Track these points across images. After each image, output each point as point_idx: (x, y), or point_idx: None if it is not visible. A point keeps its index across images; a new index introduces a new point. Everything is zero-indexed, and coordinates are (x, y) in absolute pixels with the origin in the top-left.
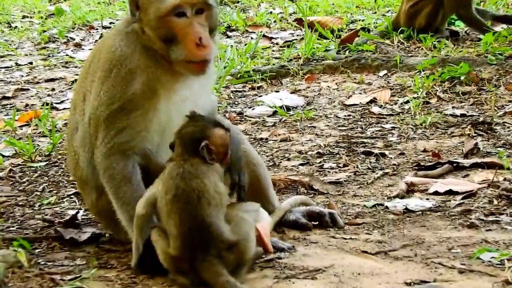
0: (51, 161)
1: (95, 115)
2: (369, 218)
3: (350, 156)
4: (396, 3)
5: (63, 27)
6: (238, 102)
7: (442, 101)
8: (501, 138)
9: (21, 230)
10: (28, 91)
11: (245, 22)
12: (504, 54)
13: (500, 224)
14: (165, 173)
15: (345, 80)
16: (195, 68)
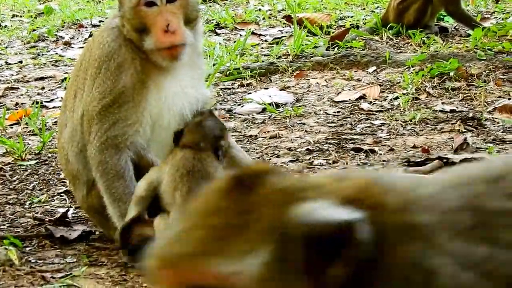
0: (41, 159)
1: (88, 111)
2: None
3: (339, 152)
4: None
5: (52, 25)
6: (227, 100)
7: (432, 97)
8: (491, 133)
9: (12, 229)
10: (18, 90)
11: (234, 20)
12: (493, 50)
13: None
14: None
15: (334, 76)
16: (166, 55)
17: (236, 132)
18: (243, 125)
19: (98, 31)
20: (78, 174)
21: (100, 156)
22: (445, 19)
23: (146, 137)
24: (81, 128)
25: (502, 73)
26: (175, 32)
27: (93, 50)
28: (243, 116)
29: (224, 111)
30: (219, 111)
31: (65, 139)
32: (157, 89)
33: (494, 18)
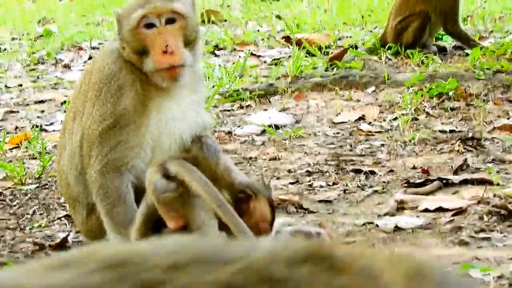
0: (42, 183)
1: (88, 134)
2: (360, 236)
3: (339, 174)
4: (383, 20)
5: (52, 48)
6: (227, 121)
7: (431, 117)
8: (491, 153)
9: (12, 254)
10: (18, 113)
11: (233, 41)
12: (492, 69)
13: (491, 241)
14: None
15: (334, 97)
16: (165, 76)
17: (235, 154)
18: (243, 147)
19: (98, 54)
20: (78, 197)
21: (101, 179)
22: (444, 39)
23: (146, 160)
24: (80, 151)
25: (501, 93)
26: (174, 53)
27: (93, 72)
28: (243, 138)
29: (224, 133)
30: (218, 133)
31: (65, 162)
32: (157, 112)
33: (492, 37)
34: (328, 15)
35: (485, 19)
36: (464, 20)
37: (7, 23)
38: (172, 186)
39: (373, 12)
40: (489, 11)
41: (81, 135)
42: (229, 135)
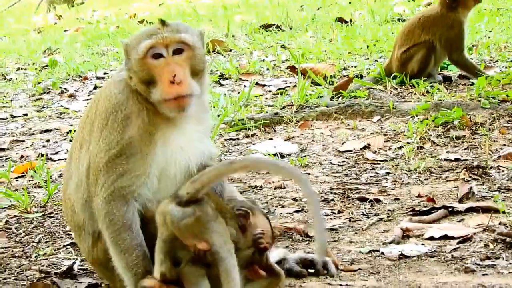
0: (47, 212)
1: (95, 163)
2: (365, 264)
3: (344, 202)
4: (388, 49)
5: (57, 78)
6: (232, 150)
7: (436, 145)
8: (496, 182)
9: (18, 282)
10: (23, 143)
11: (238, 70)
12: (497, 98)
13: (497, 268)
14: None
15: (339, 126)
16: (173, 105)
17: (241, 182)
18: (248, 175)
19: (105, 83)
20: (84, 225)
21: (107, 207)
22: (449, 68)
23: (152, 188)
24: (86, 179)
25: (506, 121)
26: (181, 83)
27: (100, 102)
28: None
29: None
30: None
31: (71, 190)
32: (164, 142)
33: (497, 67)
34: (333, 45)
35: (490, 49)
36: (470, 49)
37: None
38: (188, 211)
39: (378, 41)
40: (494, 41)
41: (87, 164)
42: None
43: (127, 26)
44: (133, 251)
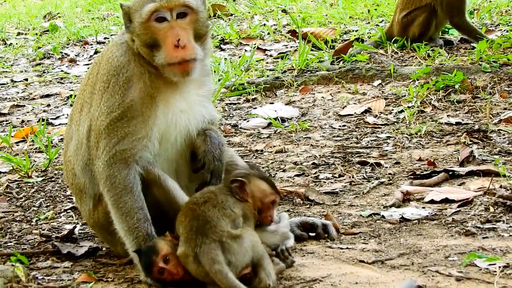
0: (48, 176)
1: (96, 126)
2: (366, 227)
3: (345, 166)
4: (390, 13)
5: (57, 43)
6: (233, 115)
7: (437, 109)
8: (497, 145)
9: (19, 245)
10: (24, 108)
11: (239, 35)
12: (498, 62)
13: (497, 231)
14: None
15: (340, 90)
16: (178, 70)
17: (241, 147)
18: (249, 139)
19: (106, 46)
20: (85, 188)
21: (108, 170)
22: (450, 32)
23: (153, 151)
24: (87, 141)
25: (507, 85)
26: (186, 47)
27: (101, 64)
28: (249, 131)
29: (230, 126)
30: (224, 126)
31: (71, 153)
32: (165, 105)
33: (499, 31)
34: (334, 9)
35: (492, 12)
36: (471, 13)
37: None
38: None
39: (379, 6)
40: (496, 4)
41: (88, 126)
42: (235, 128)
43: None
44: (134, 214)
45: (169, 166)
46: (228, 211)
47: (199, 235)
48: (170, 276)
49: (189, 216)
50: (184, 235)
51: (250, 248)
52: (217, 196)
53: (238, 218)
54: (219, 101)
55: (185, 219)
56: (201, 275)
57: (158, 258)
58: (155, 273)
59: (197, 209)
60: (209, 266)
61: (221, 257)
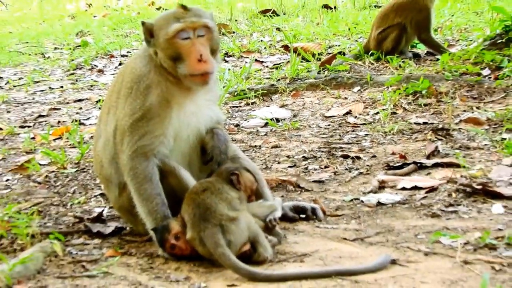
0: (80, 168)
1: (121, 125)
2: (348, 210)
3: (330, 159)
4: (367, 31)
5: (88, 56)
6: (236, 116)
7: (407, 111)
8: (458, 141)
9: (56, 226)
10: (60, 110)
11: (240, 49)
12: (459, 71)
13: (458, 213)
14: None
15: (325, 95)
16: (199, 80)
17: (243, 143)
18: (249, 137)
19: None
20: (111, 177)
21: (131, 162)
22: (418, 46)
23: (169, 147)
24: (113, 139)
25: (466, 91)
26: (207, 61)
27: (125, 73)
28: (249, 129)
29: (233, 126)
30: (228, 126)
31: (100, 148)
32: (178, 108)
33: (459, 45)
34: (320, 28)
35: (453, 30)
36: (435, 30)
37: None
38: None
39: (358, 24)
40: (456, 23)
41: (114, 126)
42: (238, 127)
43: (146, 12)
44: (153, 199)
45: (183, 159)
46: (224, 195)
47: (202, 221)
48: (180, 251)
49: (191, 204)
50: (189, 222)
51: (246, 228)
52: (214, 185)
53: (234, 200)
54: (224, 105)
55: (188, 207)
56: (207, 255)
57: (170, 236)
58: (168, 248)
59: (197, 198)
60: (213, 249)
61: (222, 240)
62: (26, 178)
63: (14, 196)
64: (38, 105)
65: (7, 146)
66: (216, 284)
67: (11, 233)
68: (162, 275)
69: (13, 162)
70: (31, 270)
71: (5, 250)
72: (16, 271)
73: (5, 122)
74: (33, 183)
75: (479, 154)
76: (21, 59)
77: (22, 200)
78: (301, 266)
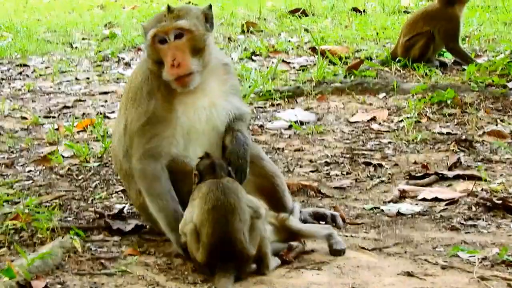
0: (103, 162)
1: (130, 129)
2: (367, 219)
3: (352, 165)
4: (395, 37)
5: (115, 48)
6: (260, 117)
7: (431, 120)
8: (480, 154)
9: (76, 221)
10: (85, 102)
11: (267, 49)
12: (485, 83)
13: (477, 227)
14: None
15: (350, 100)
16: (177, 84)
17: (266, 144)
18: (272, 139)
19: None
20: (130, 173)
21: (140, 165)
22: (445, 55)
23: (180, 146)
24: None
25: (491, 103)
26: (180, 65)
27: (132, 77)
28: (273, 131)
29: (257, 127)
30: (252, 126)
31: (115, 142)
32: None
33: (486, 56)
34: (348, 31)
35: (480, 40)
36: (463, 40)
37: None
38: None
39: (386, 29)
40: (484, 33)
41: (124, 124)
42: (262, 128)
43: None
44: (163, 196)
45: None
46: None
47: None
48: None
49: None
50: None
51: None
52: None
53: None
54: (248, 104)
55: (210, 226)
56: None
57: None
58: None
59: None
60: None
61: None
62: (48, 170)
63: (36, 188)
64: (63, 95)
65: (31, 136)
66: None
67: (32, 226)
68: (180, 276)
69: (36, 153)
70: (50, 266)
71: (25, 243)
72: (35, 265)
73: (29, 112)
74: (55, 175)
75: (501, 167)
76: (49, 48)
77: (43, 193)
78: (318, 274)
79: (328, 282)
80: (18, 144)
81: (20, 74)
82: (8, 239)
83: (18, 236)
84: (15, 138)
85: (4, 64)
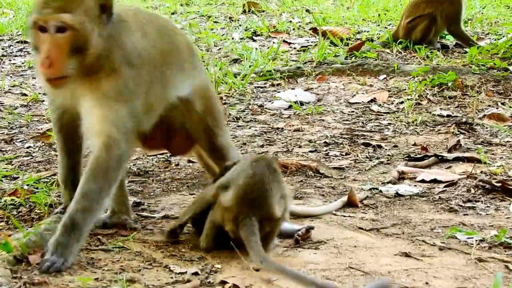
0: None
1: None
2: (366, 199)
3: (351, 146)
4: (397, 18)
5: None
6: (260, 96)
7: (432, 103)
8: (480, 136)
9: None
10: None
11: (268, 29)
12: (486, 65)
13: (476, 210)
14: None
15: (351, 81)
16: (47, 83)
17: (266, 124)
18: (272, 118)
19: None
20: None
21: None
22: (447, 38)
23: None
24: None
25: (492, 86)
26: (52, 66)
27: None
28: (272, 111)
29: (257, 106)
30: (252, 106)
31: None
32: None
33: (488, 39)
34: (350, 12)
35: (483, 23)
36: (465, 22)
37: None
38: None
39: (388, 11)
40: (487, 16)
41: None
42: (261, 108)
43: None
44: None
45: None
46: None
47: (248, 209)
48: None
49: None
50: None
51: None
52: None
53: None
54: (248, 84)
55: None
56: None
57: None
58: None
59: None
60: (246, 236)
61: (258, 231)
62: (47, 146)
63: (35, 164)
64: None
65: (31, 113)
66: (230, 266)
67: (30, 202)
68: (177, 253)
69: (36, 130)
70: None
71: (23, 218)
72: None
73: (29, 88)
74: (54, 151)
75: (501, 150)
76: None
77: (42, 169)
78: (315, 253)
79: (325, 261)
80: (17, 120)
81: (21, 50)
82: (6, 214)
83: (17, 211)
84: (14, 114)
85: (4, 41)
